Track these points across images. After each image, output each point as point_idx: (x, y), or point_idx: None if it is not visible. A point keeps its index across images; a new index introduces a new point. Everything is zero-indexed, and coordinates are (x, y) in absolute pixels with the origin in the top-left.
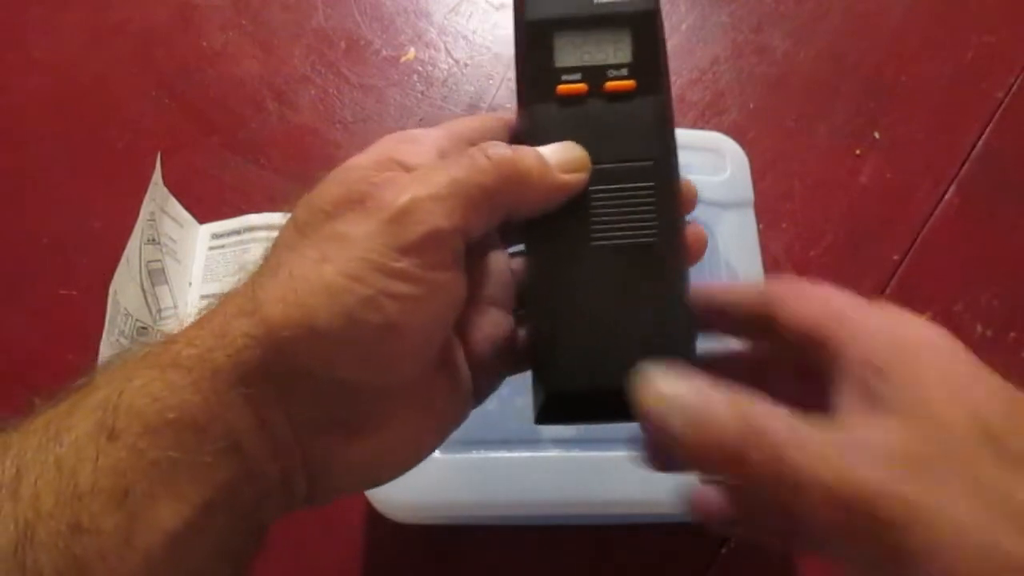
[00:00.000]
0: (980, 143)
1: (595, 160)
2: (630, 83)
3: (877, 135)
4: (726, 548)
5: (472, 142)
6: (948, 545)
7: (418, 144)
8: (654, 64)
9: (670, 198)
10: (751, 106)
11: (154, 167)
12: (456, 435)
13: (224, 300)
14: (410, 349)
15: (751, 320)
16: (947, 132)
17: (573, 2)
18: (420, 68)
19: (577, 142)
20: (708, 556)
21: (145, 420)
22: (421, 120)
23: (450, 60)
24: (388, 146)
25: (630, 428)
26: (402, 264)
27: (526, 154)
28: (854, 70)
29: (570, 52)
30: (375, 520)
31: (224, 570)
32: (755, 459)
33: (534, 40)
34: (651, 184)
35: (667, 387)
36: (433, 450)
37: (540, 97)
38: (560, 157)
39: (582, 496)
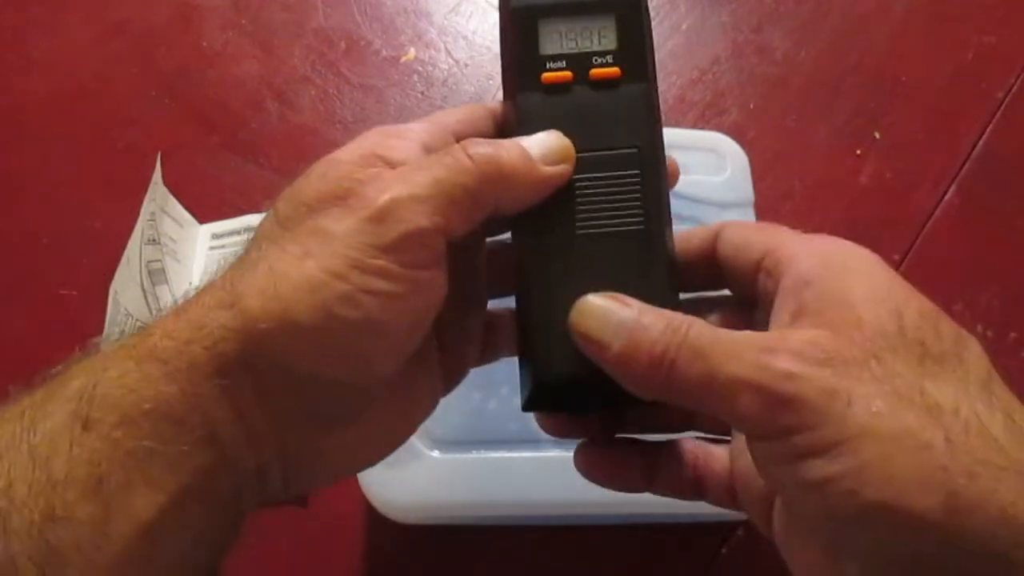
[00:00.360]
0: (980, 143)
1: (580, 148)
2: (615, 70)
3: (877, 135)
4: (726, 548)
5: (457, 134)
6: (862, 433)
7: (402, 139)
8: (640, 51)
9: (656, 185)
10: (751, 106)
11: (154, 167)
12: (456, 435)
13: (202, 292)
14: (388, 346)
15: (702, 263)
16: (947, 132)
17: None
18: (420, 68)
19: (562, 131)
20: (708, 556)
21: (121, 411)
22: None
23: (450, 60)
24: (372, 140)
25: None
26: (381, 262)
27: (509, 150)
28: (854, 70)
29: (555, 39)
30: (375, 520)
31: (200, 560)
32: (680, 362)
33: (519, 27)
34: (636, 172)
35: (603, 307)
36: (406, 440)
37: (525, 85)
38: (544, 149)
39: (582, 496)
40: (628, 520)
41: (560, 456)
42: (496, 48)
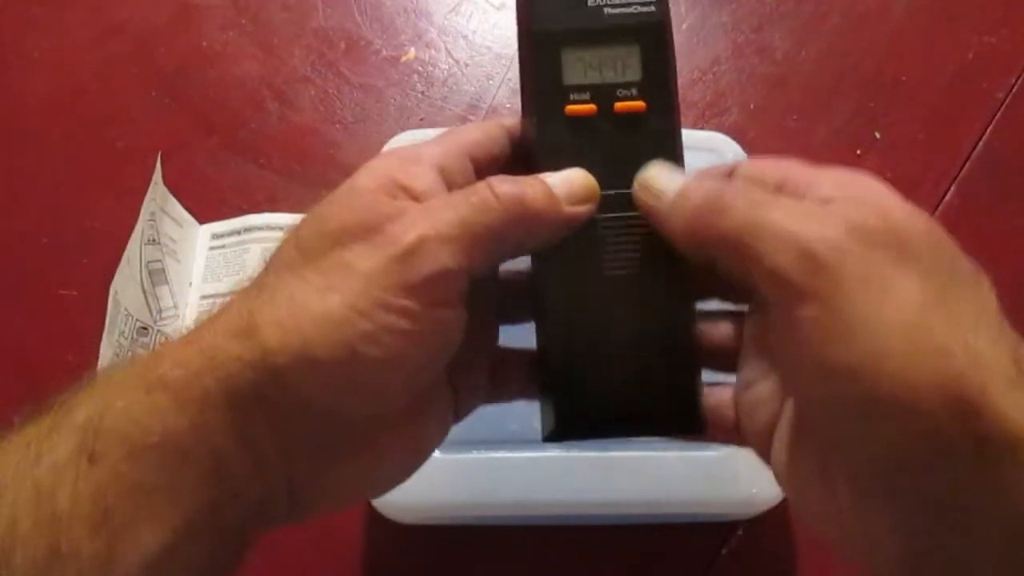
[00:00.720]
0: (980, 143)
1: (604, 186)
2: (640, 104)
3: (877, 135)
4: (726, 548)
5: (474, 157)
6: (893, 325)
7: (419, 164)
8: (664, 82)
9: None
10: (751, 106)
11: (154, 167)
12: (456, 435)
13: (215, 316)
14: (406, 383)
15: None
16: (947, 132)
17: (579, 13)
18: (420, 68)
19: (586, 167)
20: (708, 556)
21: (128, 444)
22: (422, 120)
23: (450, 60)
24: (390, 165)
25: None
26: (406, 302)
27: (535, 190)
28: (854, 70)
29: (578, 69)
30: (376, 520)
31: None
32: (734, 206)
33: (541, 54)
34: None
35: (666, 166)
36: (415, 470)
37: (548, 116)
38: (569, 187)
39: (582, 496)
40: (628, 520)
41: (560, 456)
42: (496, 48)
